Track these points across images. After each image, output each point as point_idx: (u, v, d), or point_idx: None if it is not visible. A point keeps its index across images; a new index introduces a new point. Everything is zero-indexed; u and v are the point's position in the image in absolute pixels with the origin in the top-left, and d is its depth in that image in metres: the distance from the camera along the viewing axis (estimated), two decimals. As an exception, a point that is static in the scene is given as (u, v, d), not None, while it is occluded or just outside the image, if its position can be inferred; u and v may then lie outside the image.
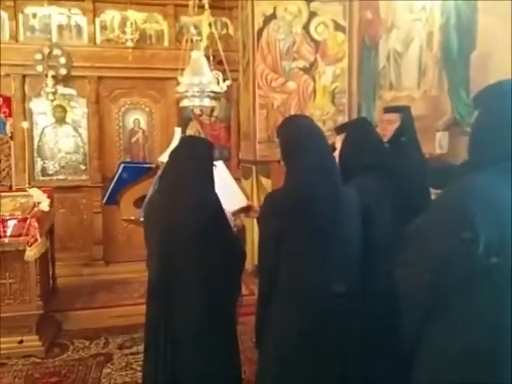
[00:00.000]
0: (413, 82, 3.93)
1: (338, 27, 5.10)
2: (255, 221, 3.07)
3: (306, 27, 5.04)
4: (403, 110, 2.90)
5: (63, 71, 5.54)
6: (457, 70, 3.37)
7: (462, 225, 1.31)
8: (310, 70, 5.09)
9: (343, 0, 5.06)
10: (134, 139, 6.03)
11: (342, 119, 5.03)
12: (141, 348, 3.12)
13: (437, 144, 3.44)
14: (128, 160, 5.78)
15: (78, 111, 5.79)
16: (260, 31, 4.99)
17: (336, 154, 2.23)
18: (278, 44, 5.03)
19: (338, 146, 2.29)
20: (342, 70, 5.15)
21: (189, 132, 5.71)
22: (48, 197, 3.80)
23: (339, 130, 2.37)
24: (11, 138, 5.62)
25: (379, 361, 1.84)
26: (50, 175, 5.78)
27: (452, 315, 1.36)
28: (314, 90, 5.12)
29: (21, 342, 3.55)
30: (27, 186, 4.11)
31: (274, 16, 4.98)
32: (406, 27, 4.02)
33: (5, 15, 5.50)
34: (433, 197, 2.24)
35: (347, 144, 2.24)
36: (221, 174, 2.68)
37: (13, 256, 3.50)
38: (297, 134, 1.92)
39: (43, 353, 3.55)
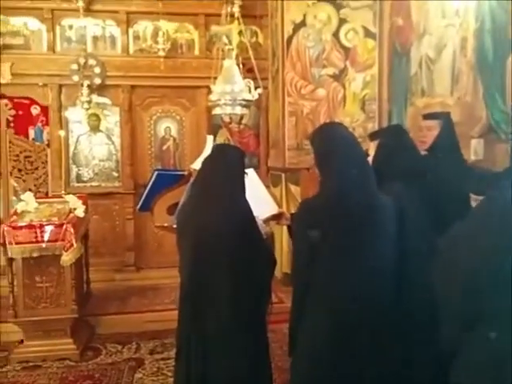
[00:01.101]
0: (446, 88, 3.87)
1: (368, 34, 5.08)
2: (284, 228, 3.06)
3: (335, 34, 5.04)
4: (443, 117, 2.84)
5: (98, 81, 5.68)
6: (492, 76, 3.30)
7: (502, 231, 1.29)
8: (339, 76, 5.08)
9: (373, 6, 5.04)
10: (164, 147, 6.12)
11: (372, 126, 4.99)
12: (172, 353, 3.15)
13: (472, 151, 3.37)
14: (160, 167, 5.86)
15: (112, 119, 5.92)
16: (290, 39, 5.01)
17: (369, 160, 2.21)
18: (308, 51, 5.03)
19: (372, 152, 2.27)
20: (372, 76, 5.12)
21: (218, 139, 5.73)
22: (83, 203, 3.90)
23: (373, 136, 2.35)
24: (48, 145, 5.80)
25: (415, 369, 1.82)
26: (85, 182, 5.92)
27: (497, 319, 1.35)
28: (344, 97, 5.10)
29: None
30: (63, 192, 4.22)
31: (303, 23, 5.00)
32: (439, 33, 3.96)
33: (43, 27, 5.71)
34: (473, 203, 2.19)
35: (381, 151, 2.22)
36: (252, 181, 2.70)
37: (49, 260, 3.60)
38: (332, 141, 1.91)
39: (77, 356, 3.63)
